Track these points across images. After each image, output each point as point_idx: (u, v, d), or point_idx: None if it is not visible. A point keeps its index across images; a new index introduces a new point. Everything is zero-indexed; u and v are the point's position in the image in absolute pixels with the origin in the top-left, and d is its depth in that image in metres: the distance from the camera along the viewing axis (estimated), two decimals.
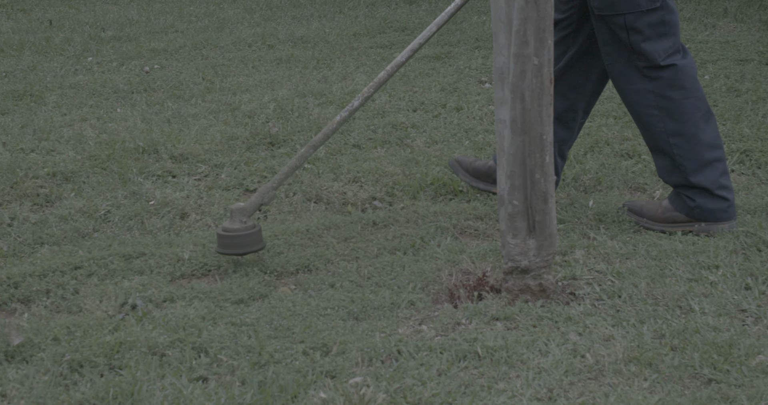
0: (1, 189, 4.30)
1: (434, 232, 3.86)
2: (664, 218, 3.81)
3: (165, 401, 2.66)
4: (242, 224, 3.44)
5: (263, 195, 3.45)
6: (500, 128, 3.18)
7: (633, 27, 3.67)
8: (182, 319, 3.13)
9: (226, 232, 3.45)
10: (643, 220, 3.84)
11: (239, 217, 3.44)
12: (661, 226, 3.81)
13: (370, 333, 3.07)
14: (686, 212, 3.79)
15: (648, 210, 3.85)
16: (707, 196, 3.75)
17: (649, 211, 3.85)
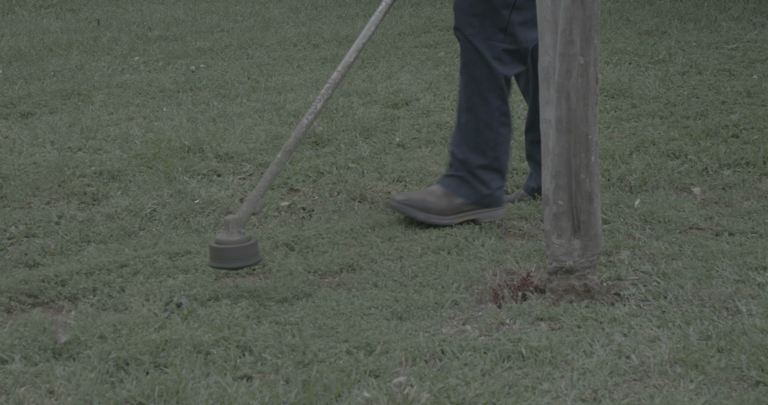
0: (49, 187, 4.33)
1: (478, 232, 3.85)
2: (452, 209, 3.86)
3: (210, 399, 2.67)
4: (241, 236, 3.25)
5: (253, 204, 3.29)
6: (545, 128, 3.16)
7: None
8: (227, 318, 3.14)
9: (225, 244, 3.25)
10: (432, 216, 3.84)
11: (236, 228, 3.25)
12: (450, 219, 3.85)
13: (414, 332, 3.06)
14: (477, 199, 3.86)
15: (433, 204, 3.85)
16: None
17: (434, 205, 3.85)
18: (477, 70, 3.80)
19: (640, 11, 8.13)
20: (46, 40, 7.32)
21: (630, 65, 6.30)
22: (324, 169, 4.51)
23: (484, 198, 3.87)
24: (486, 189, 3.86)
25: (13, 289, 3.36)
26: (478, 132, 3.83)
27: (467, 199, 3.85)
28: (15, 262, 3.64)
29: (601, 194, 4.12)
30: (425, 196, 3.83)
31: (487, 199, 3.88)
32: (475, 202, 3.86)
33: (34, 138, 5.05)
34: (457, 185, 3.85)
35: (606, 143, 4.73)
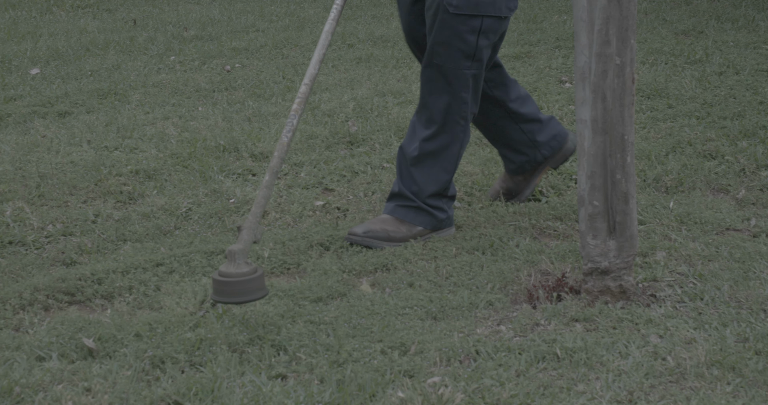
0: (85, 186, 4.36)
1: (513, 233, 3.84)
2: (413, 235, 3.82)
3: (245, 398, 2.67)
4: (249, 267, 3.03)
5: (253, 231, 3.11)
6: (581, 128, 3.15)
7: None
8: (261, 317, 3.15)
9: (233, 277, 3.02)
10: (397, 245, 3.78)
11: (243, 259, 3.03)
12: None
13: (449, 333, 3.06)
14: (435, 224, 3.85)
15: (394, 233, 3.80)
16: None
17: (396, 233, 3.80)
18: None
19: (676, 11, 8.09)
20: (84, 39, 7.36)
21: (666, 65, 6.27)
22: (358, 169, 4.51)
23: (442, 222, 3.86)
24: (443, 214, 3.85)
25: (50, 287, 3.38)
26: (436, 160, 3.80)
27: (426, 226, 3.83)
28: (52, 260, 3.67)
29: (637, 195, 4.10)
30: (384, 225, 3.79)
31: (446, 221, 3.87)
32: (434, 228, 3.85)
33: (71, 137, 5.09)
34: (414, 215, 3.82)
35: (642, 144, 4.70)
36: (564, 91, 5.72)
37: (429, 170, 3.80)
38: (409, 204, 3.81)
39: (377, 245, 3.74)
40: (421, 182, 3.80)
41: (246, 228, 3.09)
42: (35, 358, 2.94)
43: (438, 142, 3.77)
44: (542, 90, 5.73)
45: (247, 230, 3.08)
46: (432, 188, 3.80)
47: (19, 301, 3.30)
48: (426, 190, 3.80)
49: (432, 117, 3.75)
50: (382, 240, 3.75)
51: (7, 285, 3.43)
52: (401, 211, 3.81)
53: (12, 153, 4.80)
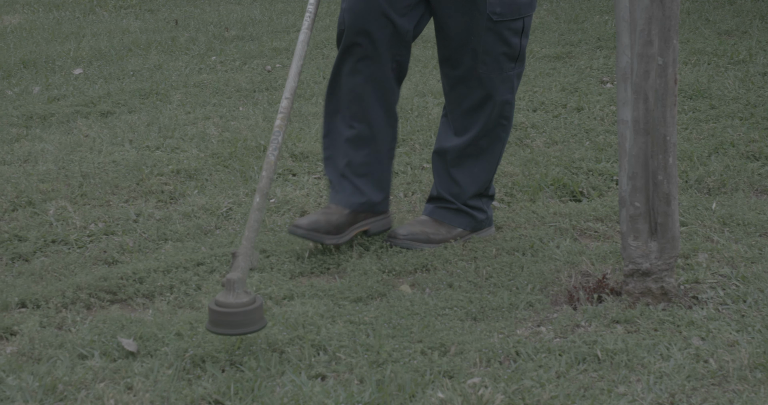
0: (127, 186, 4.39)
1: (553, 233, 3.83)
2: (453, 237, 3.79)
3: (285, 398, 2.68)
4: (248, 296, 2.89)
5: (248, 258, 2.95)
6: (622, 129, 3.14)
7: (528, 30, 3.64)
8: (301, 317, 3.15)
9: (231, 308, 2.88)
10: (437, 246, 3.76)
11: (242, 288, 2.89)
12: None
13: (489, 334, 3.05)
14: (474, 225, 3.82)
15: (434, 235, 3.77)
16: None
17: (436, 236, 3.78)
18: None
19: (719, 11, 8.03)
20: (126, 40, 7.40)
21: (709, 66, 6.23)
22: (398, 169, 4.51)
23: (482, 223, 3.84)
24: (482, 214, 3.83)
25: (92, 285, 3.40)
26: (477, 161, 3.78)
27: (465, 227, 3.81)
28: (94, 259, 3.69)
29: (679, 196, 4.07)
30: (423, 227, 3.77)
31: (485, 222, 3.85)
32: (474, 229, 3.83)
33: (113, 137, 5.12)
34: (453, 216, 3.81)
35: (684, 144, 4.68)
36: (605, 91, 5.70)
37: (470, 171, 3.78)
38: (448, 206, 3.80)
39: (417, 247, 3.73)
40: (462, 183, 3.78)
41: (241, 254, 2.95)
42: (77, 356, 2.96)
43: (480, 145, 3.76)
44: (583, 90, 5.71)
45: (243, 257, 2.95)
46: (473, 189, 3.79)
47: (62, 299, 3.33)
48: (467, 192, 3.79)
49: (473, 122, 3.73)
50: (422, 242, 3.75)
51: (50, 284, 3.46)
52: (440, 212, 3.80)
53: (55, 152, 4.84)
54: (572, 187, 4.28)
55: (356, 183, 3.69)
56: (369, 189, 3.70)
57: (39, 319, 3.20)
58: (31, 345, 3.02)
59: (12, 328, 3.16)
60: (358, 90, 3.63)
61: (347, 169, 3.69)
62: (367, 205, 3.69)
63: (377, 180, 3.72)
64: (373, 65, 3.60)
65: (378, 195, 3.72)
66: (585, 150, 4.71)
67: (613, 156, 4.58)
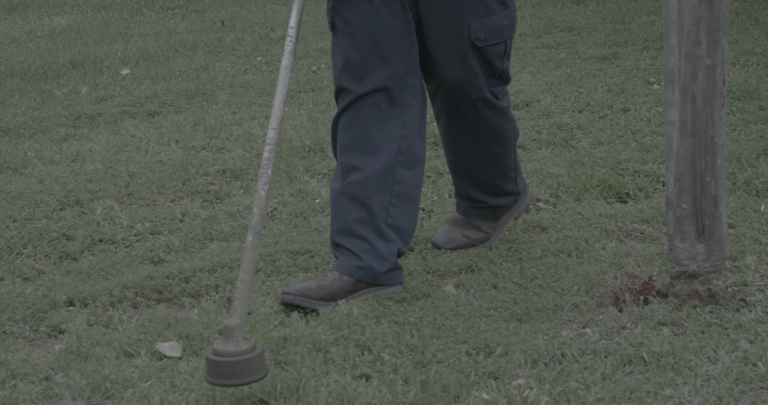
0: (173, 185, 4.41)
1: (599, 235, 3.81)
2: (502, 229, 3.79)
3: (329, 397, 2.68)
4: (248, 343, 2.70)
5: (246, 302, 2.76)
6: (669, 130, 3.12)
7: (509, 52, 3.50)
8: (346, 317, 3.16)
9: (231, 357, 2.68)
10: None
11: (241, 335, 2.70)
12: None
13: (534, 335, 3.04)
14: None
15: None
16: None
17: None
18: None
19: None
20: (172, 40, 7.44)
21: (758, 67, 6.18)
22: (443, 170, 4.51)
23: (518, 195, 3.80)
24: (511, 197, 3.79)
25: (138, 284, 3.43)
26: (498, 168, 3.69)
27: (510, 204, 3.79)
28: (141, 258, 3.72)
29: (727, 198, 4.04)
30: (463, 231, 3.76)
31: (523, 192, 3.83)
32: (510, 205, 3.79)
33: (159, 137, 5.15)
34: (490, 213, 3.76)
35: (732, 146, 4.64)
36: (652, 92, 5.66)
37: (490, 177, 3.71)
38: (480, 205, 3.77)
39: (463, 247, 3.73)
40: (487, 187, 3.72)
41: (238, 298, 2.76)
42: (124, 355, 2.98)
43: (494, 162, 3.66)
44: (629, 91, 5.68)
45: (240, 301, 2.76)
46: (500, 186, 3.73)
47: (109, 298, 3.35)
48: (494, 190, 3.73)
49: (485, 151, 3.61)
50: (465, 247, 3.74)
51: (97, 282, 3.49)
52: (474, 212, 3.76)
53: (103, 152, 4.87)
54: (618, 189, 4.25)
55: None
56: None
57: (86, 317, 3.23)
58: (79, 343, 3.05)
59: (60, 326, 3.19)
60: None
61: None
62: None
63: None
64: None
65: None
66: (631, 151, 4.68)
67: (659, 157, 4.55)
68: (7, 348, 3.05)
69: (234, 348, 2.68)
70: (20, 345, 3.08)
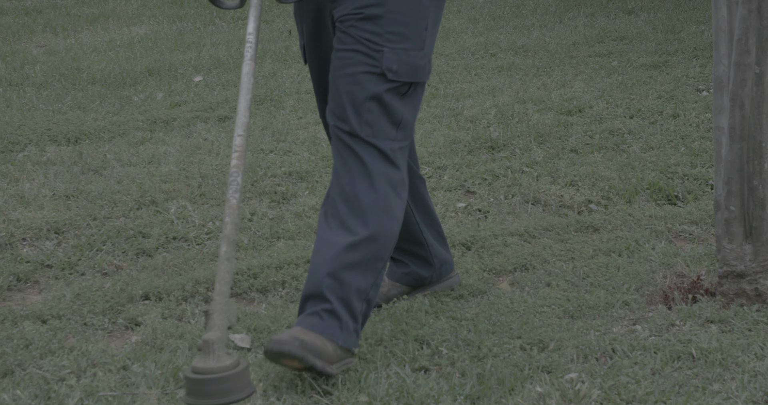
0: (243, 186, 4.43)
1: (649, 236, 3.77)
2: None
3: (390, 389, 2.68)
4: (231, 358, 2.38)
5: (225, 315, 2.42)
6: (718, 135, 3.08)
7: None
8: (406, 313, 3.15)
9: (213, 374, 2.36)
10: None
11: (222, 350, 2.38)
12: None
13: (585, 331, 3.02)
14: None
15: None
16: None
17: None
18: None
19: None
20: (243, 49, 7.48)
21: None
22: (499, 173, 4.49)
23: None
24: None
25: (210, 280, 3.44)
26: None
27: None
28: (212, 255, 3.73)
29: None
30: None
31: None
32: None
33: (230, 140, 5.17)
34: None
35: None
36: (701, 99, 5.60)
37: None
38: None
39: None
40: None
41: (216, 312, 2.42)
42: (196, 346, 2.99)
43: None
44: (679, 98, 5.63)
45: (219, 314, 2.42)
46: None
47: (182, 292, 3.38)
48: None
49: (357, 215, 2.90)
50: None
51: (171, 278, 3.51)
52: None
53: (177, 155, 4.91)
54: (668, 191, 4.21)
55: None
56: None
57: (161, 310, 3.25)
58: (154, 335, 3.07)
59: (136, 318, 3.21)
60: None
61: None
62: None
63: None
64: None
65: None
66: (680, 155, 4.64)
67: (708, 161, 4.50)
68: (88, 339, 3.08)
69: (216, 364, 2.36)
70: (100, 336, 3.11)
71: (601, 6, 8.75)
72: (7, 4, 9.31)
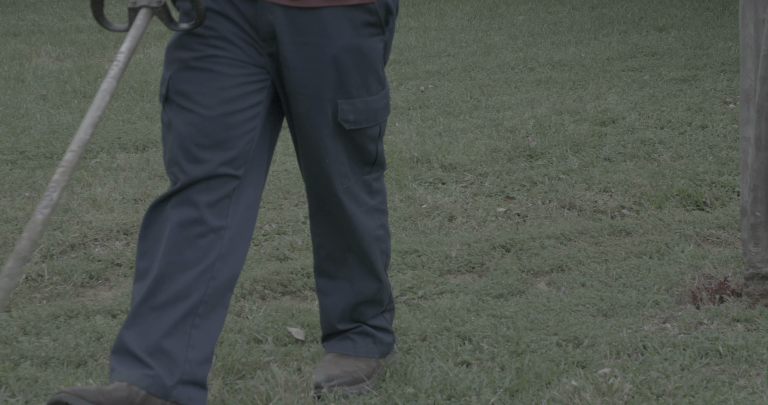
0: (297, 191, 4.45)
1: (678, 239, 3.75)
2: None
3: (434, 381, 2.69)
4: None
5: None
6: (744, 145, 3.06)
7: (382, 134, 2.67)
8: (449, 310, 3.16)
9: None
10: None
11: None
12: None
13: (618, 328, 3.01)
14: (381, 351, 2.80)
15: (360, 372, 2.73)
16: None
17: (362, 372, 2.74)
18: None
19: None
20: None
21: None
22: (537, 180, 4.48)
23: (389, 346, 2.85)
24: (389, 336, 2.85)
25: (266, 279, 3.46)
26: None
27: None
28: (268, 255, 3.76)
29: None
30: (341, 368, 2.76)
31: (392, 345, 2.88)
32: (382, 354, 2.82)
33: (285, 148, 5.20)
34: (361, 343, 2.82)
35: None
36: (728, 111, 5.56)
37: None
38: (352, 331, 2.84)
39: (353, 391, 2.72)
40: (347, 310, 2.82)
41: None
42: (254, 341, 3.01)
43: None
44: (707, 110, 5.58)
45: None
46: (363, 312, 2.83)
47: (240, 290, 3.40)
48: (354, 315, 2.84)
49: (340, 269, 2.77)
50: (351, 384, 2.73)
51: None
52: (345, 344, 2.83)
53: None
54: (696, 198, 4.19)
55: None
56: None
57: None
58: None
59: None
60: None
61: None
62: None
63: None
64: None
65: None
66: (708, 164, 4.60)
67: (734, 170, 4.47)
68: None
69: None
70: None
71: (634, 23, 8.70)
72: (83, 22, 9.41)
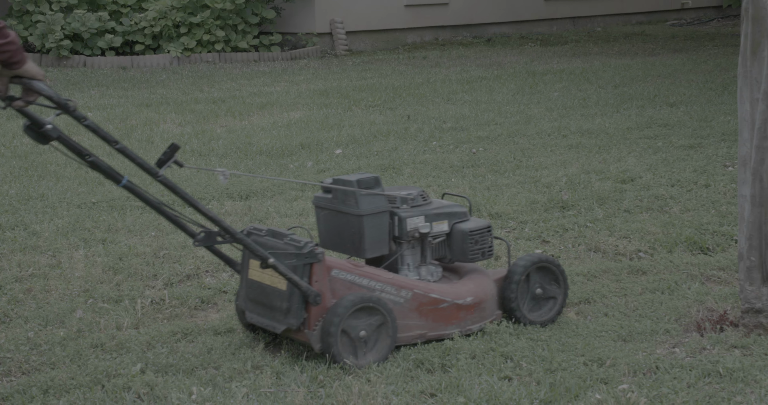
0: None
1: (685, 278, 3.70)
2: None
3: (481, 393, 2.68)
4: None
5: None
6: (741, 202, 3.03)
7: None
8: (494, 334, 3.14)
9: None
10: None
11: None
12: None
13: (635, 352, 2.97)
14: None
15: None
16: None
17: None
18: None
19: None
20: (372, 129, 7.59)
21: None
22: (568, 227, 4.46)
23: None
24: None
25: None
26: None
27: None
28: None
29: None
30: None
31: None
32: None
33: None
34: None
35: None
36: (727, 173, 5.49)
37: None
38: None
39: None
40: None
41: None
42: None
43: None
44: (710, 172, 5.52)
45: None
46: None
47: None
48: None
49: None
50: None
51: None
52: None
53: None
54: (701, 244, 4.13)
55: None
56: None
57: None
58: (302, 346, 3.10)
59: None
60: None
61: None
62: None
63: None
64: None
65: None
66: (711, 216, 4.55)
67: (733, 221, 4.41)
68: (252, 348, 3.12)
69: None
70: (261, 347, 3.14)
71: (650, 100, 8.65)
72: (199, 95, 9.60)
